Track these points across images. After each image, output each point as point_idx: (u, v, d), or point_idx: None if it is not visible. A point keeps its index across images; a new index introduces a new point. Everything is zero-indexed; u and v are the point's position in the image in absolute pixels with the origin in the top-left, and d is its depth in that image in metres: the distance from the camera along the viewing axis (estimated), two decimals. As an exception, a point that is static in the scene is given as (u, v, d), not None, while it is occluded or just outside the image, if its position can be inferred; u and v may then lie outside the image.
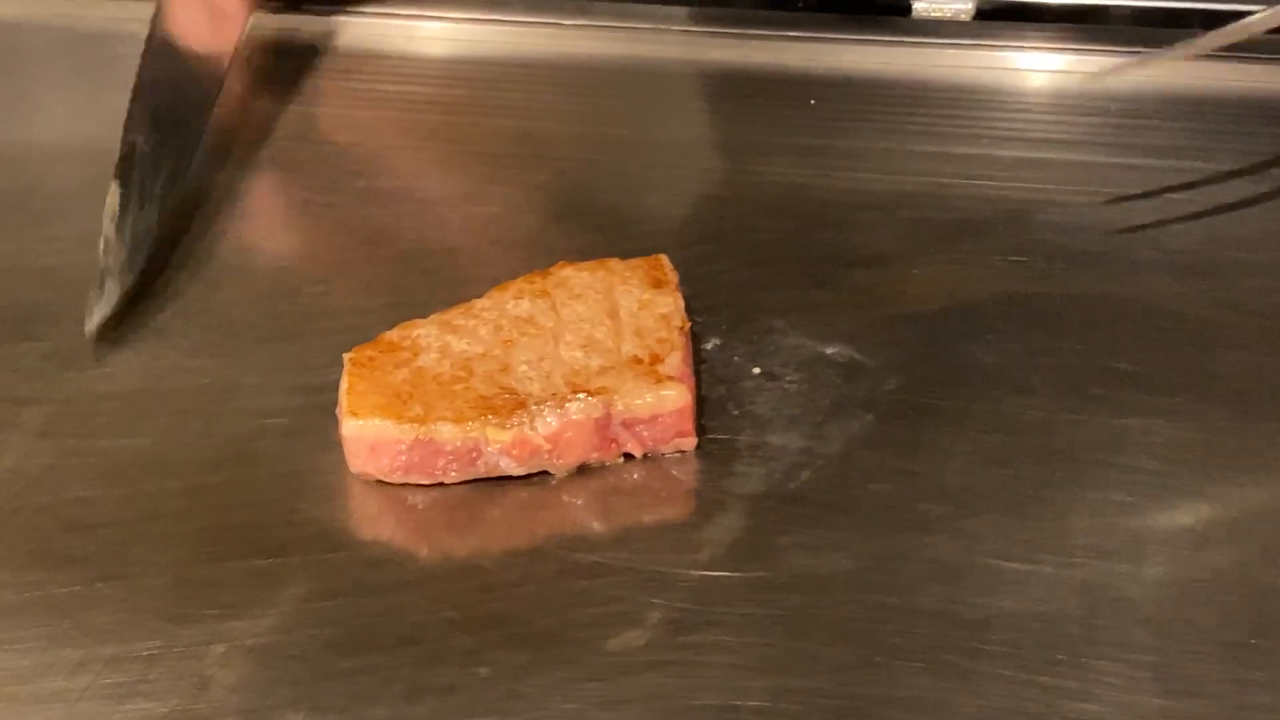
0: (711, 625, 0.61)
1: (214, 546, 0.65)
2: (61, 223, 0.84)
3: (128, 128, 0.83)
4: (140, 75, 0.86)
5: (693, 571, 0.63)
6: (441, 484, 0.67)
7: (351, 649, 0.60)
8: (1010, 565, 0.64)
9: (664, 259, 0.75)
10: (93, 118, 0.94)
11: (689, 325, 0.71)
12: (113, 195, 0.80)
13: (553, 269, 0.74)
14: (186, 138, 0.85)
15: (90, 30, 1.00)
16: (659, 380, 0.68)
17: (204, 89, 0.88)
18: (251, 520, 0.66)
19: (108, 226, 0.78)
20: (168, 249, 0.81)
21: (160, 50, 0.87)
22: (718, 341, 0.75)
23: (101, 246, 0.77)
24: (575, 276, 0.73)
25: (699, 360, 0.73)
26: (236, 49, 0.92)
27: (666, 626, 0.61)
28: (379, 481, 0.67)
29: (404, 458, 0.67)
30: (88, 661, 0.60)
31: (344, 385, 0.68)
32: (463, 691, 0.59)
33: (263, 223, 0.85)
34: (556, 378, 0.68)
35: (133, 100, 0.84)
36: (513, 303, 0.72)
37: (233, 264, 0.81)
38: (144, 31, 0.90)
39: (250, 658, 0.60)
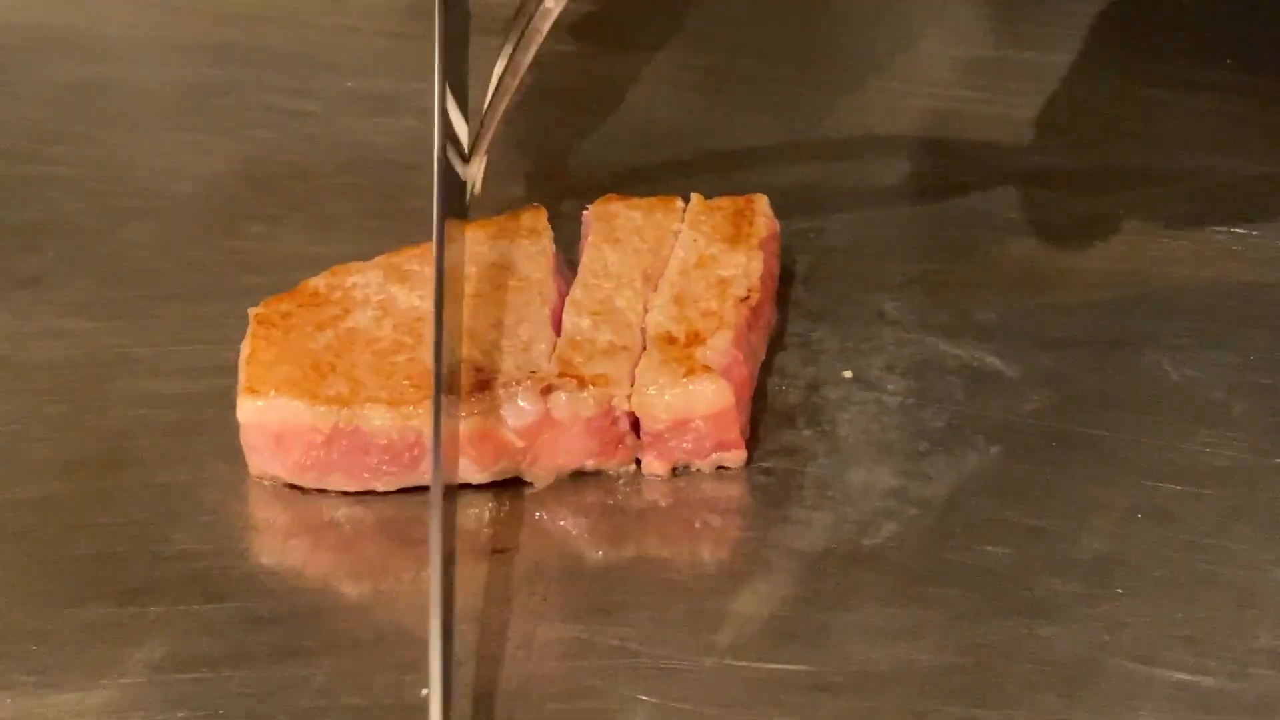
0: (717, 740, 0.58)
1: (52, 584, 0.62)
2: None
3: None
4: None
5: (705, 659, 0.60)
6: (373, 492, 0.65)
7: (201, 749, 0.57)
8: (1158, 673, 0.59)
9: (762, 200, 0.72)
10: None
11: (757, 297, 0.68)
12: None
13: (600, 200, 0.72)
14: None
15: None
16: (691, 371, 0.64)
17: None
18: (109, 550, 0.64)
19: None
20: (61, 169, 0.81)
21: None
22: (804, 327, 0.72)
23: None
24: (623, 214, 0.71)
25: (775, 350, 0.70)
26: None
27: (653, 738, 0.57)
28: (289, 487, 0.65)
29: (320, 453, 0.64)
30: None
31: (245, 351, 0.65)
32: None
33: (200, 135, 0.83)
34: (539, 352, 0.65)
35: None
36: (490, 244, 0.69)
37: (149, 190, 0.80)
38: None
39: (58, 753, 0.57)
